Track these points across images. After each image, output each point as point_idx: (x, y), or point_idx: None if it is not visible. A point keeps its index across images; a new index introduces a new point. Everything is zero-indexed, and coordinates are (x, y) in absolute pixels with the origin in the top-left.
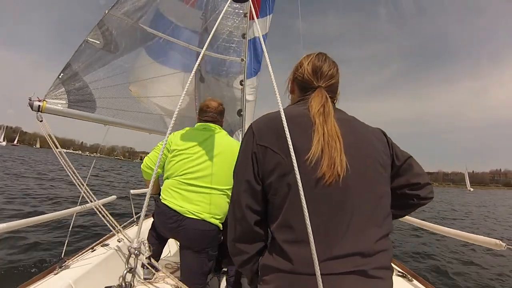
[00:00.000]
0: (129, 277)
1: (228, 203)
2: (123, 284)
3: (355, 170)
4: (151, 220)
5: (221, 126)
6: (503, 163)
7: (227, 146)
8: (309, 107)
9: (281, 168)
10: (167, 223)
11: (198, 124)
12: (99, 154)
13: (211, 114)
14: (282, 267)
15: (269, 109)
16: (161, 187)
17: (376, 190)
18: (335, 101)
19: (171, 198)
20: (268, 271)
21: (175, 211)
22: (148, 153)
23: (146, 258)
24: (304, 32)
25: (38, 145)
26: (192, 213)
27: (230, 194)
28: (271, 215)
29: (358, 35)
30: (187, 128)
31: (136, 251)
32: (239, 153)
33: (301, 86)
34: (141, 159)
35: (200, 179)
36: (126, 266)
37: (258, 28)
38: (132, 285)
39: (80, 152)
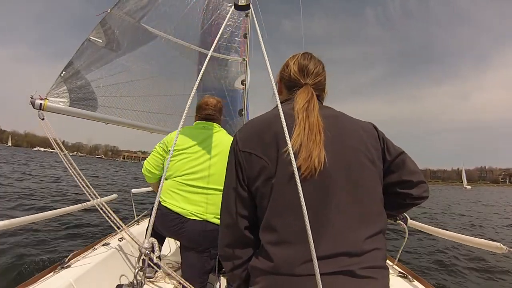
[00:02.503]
0: (139, 276)
1: None
2: (135, 282)
3: (338, 164)
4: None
5: (220, 123)
6: (485, 161)
7: (227, 145)
8: (294, 103)
9: (266, 172)
10: (169, 226)
11: (197, 122)
12: (79, 153)
13: (210, 111)
14: (266, 268)
15: (261, 107)
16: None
17: (363, 185)
18: (322, 99)
19: (171, 200)
20: (256, 272)
21: (176, 213)
22: (132, 151)
23: (156, 257)
24: (292, 31)
25: (10, 143)
26: (195, 214)
27: None
28: (259, 219)
29: (345, 37)
30: (186, 127)
31: (146, 251)
32: (227, 160)
33: (288, 85)
34: (124, 158)
35: (201, 179)
36: (137, 265)
37: (258, 30)
38: (143, 283)
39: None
